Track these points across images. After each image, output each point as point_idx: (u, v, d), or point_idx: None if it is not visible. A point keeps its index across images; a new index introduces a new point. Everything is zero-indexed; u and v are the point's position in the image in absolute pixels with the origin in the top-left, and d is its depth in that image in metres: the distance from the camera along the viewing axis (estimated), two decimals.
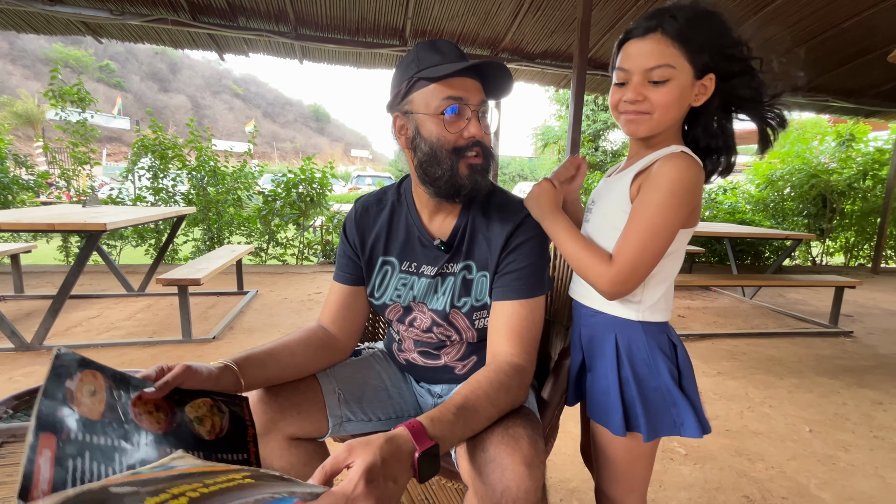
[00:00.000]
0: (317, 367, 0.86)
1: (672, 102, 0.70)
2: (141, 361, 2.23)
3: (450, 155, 0.76)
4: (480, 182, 0.78)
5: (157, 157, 4.56)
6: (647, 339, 0.76)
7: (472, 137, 0.75)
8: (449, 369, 0.91)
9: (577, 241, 0.76)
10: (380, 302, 0.90)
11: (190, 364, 0.63)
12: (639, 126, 0.74)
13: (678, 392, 0.74)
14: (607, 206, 0.80)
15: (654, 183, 0.70)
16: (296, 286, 3.92)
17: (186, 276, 2.44)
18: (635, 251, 0.70)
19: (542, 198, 0.80)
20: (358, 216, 0.91)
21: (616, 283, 0.71)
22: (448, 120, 0.75)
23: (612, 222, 0.77)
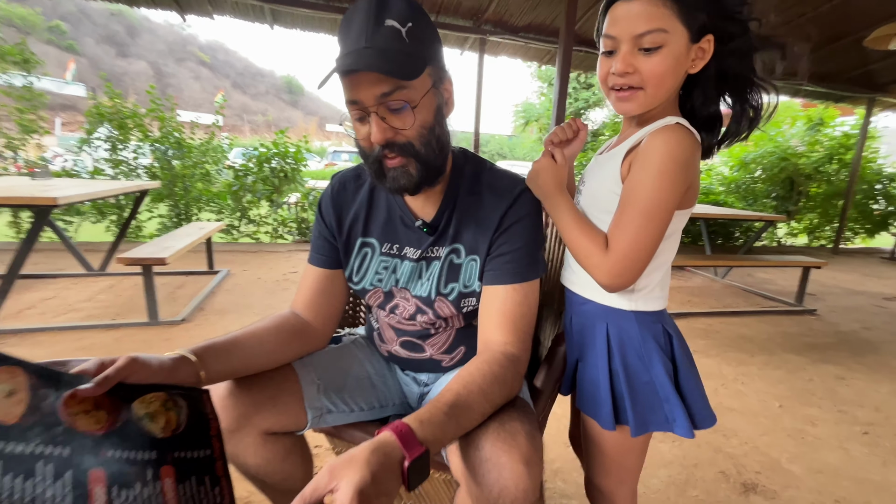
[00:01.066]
0: (289, 356, 0.79)
1: (666, 73, 0.64)
2: (103, 345, 2.10)
3: (369, 157, 0.70)
4: (405, 181, 0.69)
5: (116, 126, 4.24)
6: (641, 329, 0.72)
7: (373, 145, 0.67)
8: (435, 362, 0.86)
9: (580, 226, 0.70)
10: (359, 287, 0.84)
11: (136, 356, 0.56)
12: (630, 104, 0.68)
13: (671, 387, 0.71)
14: (597, 187, 0.74)
15: (644, 160, 0.64)
16: (270, 265, 3.78)
17: (151, 255, 2.28)
18: (630, 239, 0.64)
19: (543, 176, 0.74)
20: (334, 193, 0.83)
21: (613, 275, 0.66)
22: (355, 125, 0.68)
23: (602, 205, 0.72)
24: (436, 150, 0.70)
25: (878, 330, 2.91)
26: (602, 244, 0.67)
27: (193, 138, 4.59)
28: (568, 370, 0.83)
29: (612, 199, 0.69)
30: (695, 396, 0.72)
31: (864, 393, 2.01)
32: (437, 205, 0.78)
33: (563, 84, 2.86)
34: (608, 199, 0.70)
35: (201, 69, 55.63)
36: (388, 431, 0.51)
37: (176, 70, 51.56)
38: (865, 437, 1.66)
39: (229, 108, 49.75)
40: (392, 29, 0.62)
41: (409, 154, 0.67)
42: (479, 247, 0.76)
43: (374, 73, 0.61)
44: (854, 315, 3.21)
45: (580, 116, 8.36)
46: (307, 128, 41.35)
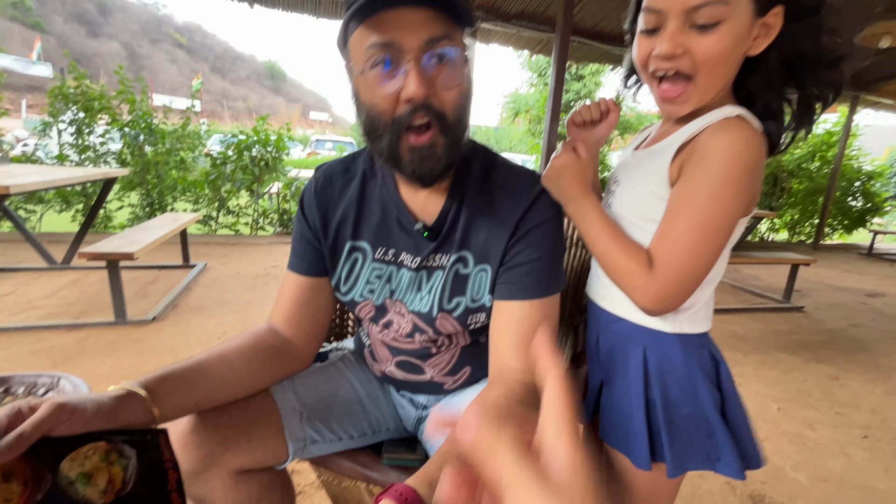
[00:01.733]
0: (266, 381, 0.67)
1: (724, 56, 0.53)
2: (64, 348, 1.93)
3: (388, 128, 0.55)
4: (430, 165, 0.57)
5: (82, 109, 3.96)
6: (685, 355, 0.62)
7: (410, 100, 0.52)
8: (436, 385, 0.75)
9: (614, 239, 0.59)
10: (348, 298, 0.72)
11: (65, 401, 0.43)
12: (679, 106, 0.57)
13: (720, 421, 0.61)
14: (637, 190, 0.63)
15: (704, 162, 0.54)
16: (250, 259, 3.61)
17: (117, 250, 2.11)
18: (684, 257, 0.54)
19: (567, 175, 0.62)
20: (319, 189, 0.71)
21: (660, 299, 0.56)
22: (377, 77, 0.53)
23: (642, 211, 0.61)
24: (463, 130, 0.59)
25: (864, 328, 2.93)
26: (644, 262, 0.56)
27: (167, 123, 4.33)
28: (590, 396, 0.73)
29: (657, 204, 0.59)
30: (744, 432, 0.63)
31: (859, 394, 1.99)
32: (441, 204, 0.66)
33: (559, 73, 2.75)
34: (650, 205, 0.60)
35: (178, 51, 53.56)
36: (388, 500, 0.40)
37: (151, 52, 49.52)
38: (865, 441, 1.64)
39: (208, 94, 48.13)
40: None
41: (439, 127, 0.55)
42: (490, 255, 0.65)
43: (422, 12, 0.50)
44: (840, 312, 3.23)
45: (570, 109, 8.27)
46: (289, 115, 40.39)
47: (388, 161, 0.59)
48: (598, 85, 8.43)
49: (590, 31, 4.23)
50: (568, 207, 0.64)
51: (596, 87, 8.42)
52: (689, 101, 0.56)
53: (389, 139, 0.56)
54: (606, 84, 8.55)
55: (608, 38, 4.26)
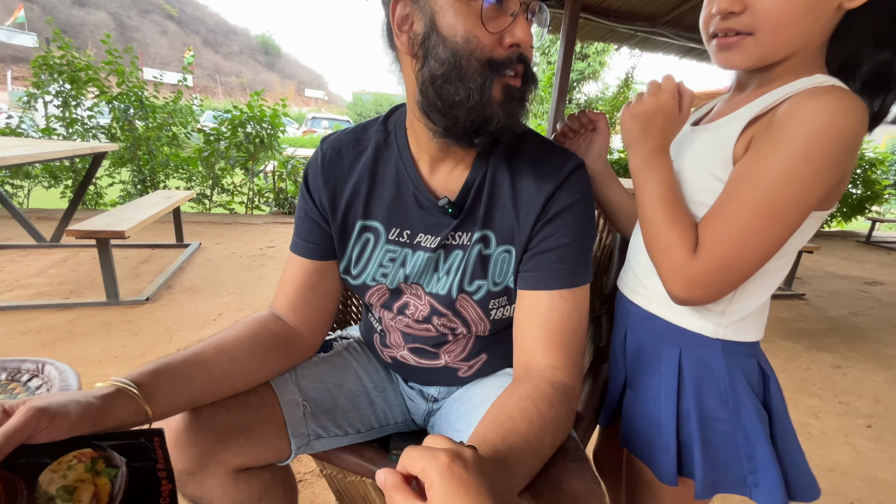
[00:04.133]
0: (268, 373, 0.62)
1: (792, 10, 0.44)
2: (54, 328, 1.87)
3: (482, 68, 0.49)
4: (517, 117, 0.54)
5: (68, 80, 3.80)
6: (728, 363, 0.55)
7: (517, 46, 0.50)
8: (450, 371, 0.70)
9: (669, 205, 0.52)
10: (358, 282, 0.66)
11: (44, 406, 0.37)
12: (734, 54, 0.49)
13: (764, 440, 0.54)
14: (692, 170, 0.55)
15: (783, 132, 0.44)
16: (245, 238, 3.53)
17: (107, 227, 2.03)
18: (734, 241, 0.46)
19: (659, 119, 0.55)
20: (326, 162, 0.64)
21: (695, 286, 0.49)
22: (487, 11, 0.48)
23: (696, 195, 0.54)
24: (533, 91, 0.56)
25: (865, 316, 2.92)
26: (690, 242, 0.50)
27: (157, 96, 4.18)
28: (611, 396, 0.68)
29: (714, 186, 0.51)
30: (795, 457, 0.56)
31: (861, 383, 1.98)
32: (464, 179, 0.60)
33: (567, 51, 2.65)
34: (706, 187, 0.52)
35: (168, 23, 51.85)
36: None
37: (140, 23, 47.88)
38: (869, 430, 1.63)
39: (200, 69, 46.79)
40: None
41: (527, 80, 0.54)
42: (515, 236, 0.59)
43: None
44: (841, 300, 3.22)
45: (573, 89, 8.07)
46: (285, 91, 39.52)
47: (469, 109, 0.51)
48: (602, 65, 8.21)
49: (596, 7, 4.06)
50: (636, 156, 0.56)
51: (601, 66, 8.19)
52: (746, 51, 0.48)
53: (483, 79, 0.50)
54: (612, 64, 8.34)
55: (615, 14, 4.10)
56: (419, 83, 0.53)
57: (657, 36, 4.20)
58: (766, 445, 0.54)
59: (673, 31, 4.10)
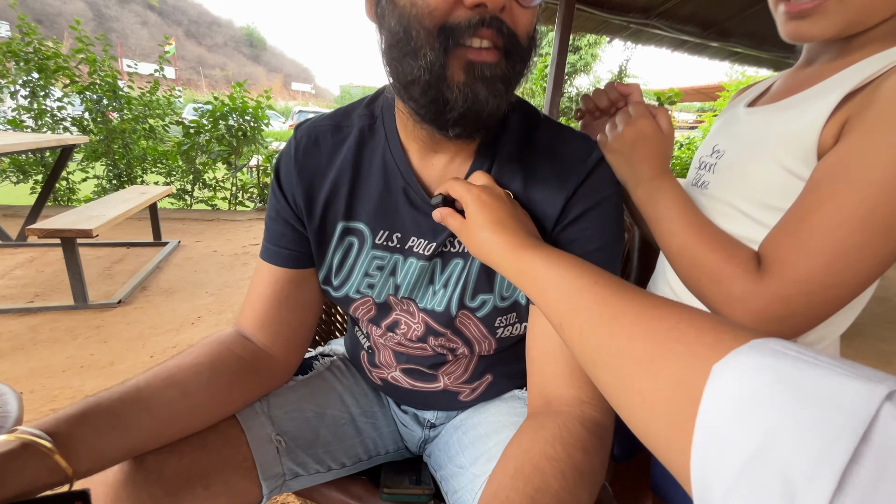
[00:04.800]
0: (233, 406, 0.52)
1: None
2: (15, 335, 1.73)
3: (430, 38, 0.39)
4: (487, 102, 0.41)
5: (35, 68, 3.58)
6: None
7: (482, 6, 0.38)
8: (451, 395, 0.60)
9: (697, 227, 0.43)
10: (340, 294, 0.56)
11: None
12: (810, 23, 0.39)
13: None
14: (758, 160, 0.45)
15: (887, 118, 0.35)
16: (228, 236, 3.38)
17: (73, 226, 1.88)
18: (826, 264, 0.36)
19: (644, 147, 0.46)
20: (301, 153, 0.53)
21: (768, 319, 0.38)
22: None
23: (762, 196, 0.43)
24: (523, 70, 0.43)
25: (861, 313, 2.90)
26: (746, 264, 0.40)
27: (133, 87, 3.98)
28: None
29: (790, 185, 0.41)
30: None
31: None
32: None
33: (563, 42, 2.55)
34: (779, 186, 0.42)
35: (149, 14, 50.44)
36: None
37: (119, 13, 46.50)
38: None
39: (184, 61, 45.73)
40: None
41: (508, 53, 0.40)
42: None
43: None
44: None
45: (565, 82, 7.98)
46: (270, 85, 38.86)
47: (424, 88, 0.40)
48: (594, 57, 8.11)
49: None
50: (637, 190, 0.48)
51: (593, 59, 8.10)
52: (827, 17, 0.39)
53: (434, 52, 0.38)
54: (604, 57, 8.25)
55: (608, 5, 4.02)
56: (381, 56, 0.43)
57: (650, 28, 4.14)
58: None
59: (666, 23, 4.04)
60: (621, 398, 0.28)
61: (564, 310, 0.35)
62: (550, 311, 0.36)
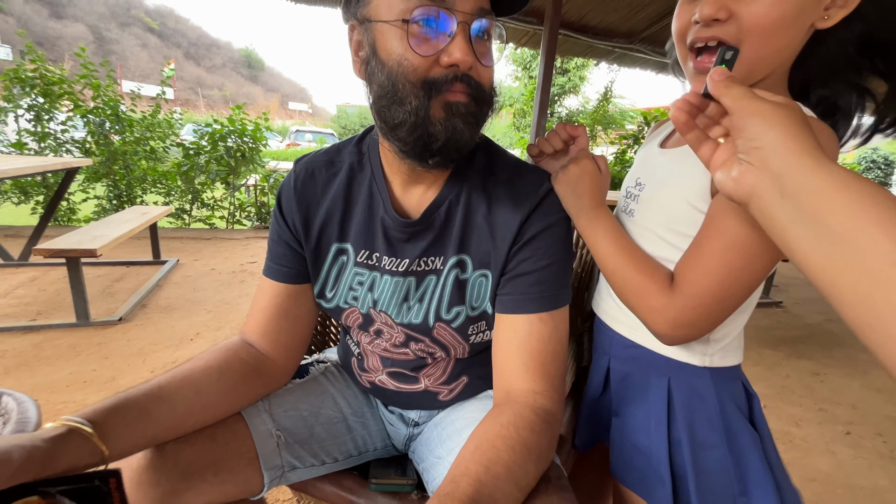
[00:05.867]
0: (239, 404, 0.59)
1: (780, 24, 0.43)
2: (19, 352, 1.78)
3: (416, 89, 0.48)
4: (463, 133, 0.50)
5: (40, 93, 3.70)
6: (718, 389, 0.55)
7: (454, 65, 0.48)
8: (431, 395, 0.68)
9: (627, 252, 0.53)
10: (332, 304, 0.64)
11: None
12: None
13: (760, 462, 0.54)
14: (668, 198, 0.55)
15: None
16: (225, 254, 3.45)
17: (78, 246, 1.96)
18: (717, 280, 0.45)
19: (585, 182, 0.55)
20: (300, 184, 0.62)
21: (680, 325, 0.48)
22: (417, 32, 0.47)
23: (675, 225, 0.53)
24: (488, 112, 0.54)
25: (840, 322, 2.99)
26: (663, 282, 0.50)
27: (135, 110, 4.10)
28: (589, 422, 0.67)
29: (693, 217, 0.51)
30: (782, 475, 0.56)
31: (839, 389, 2.02)
32: (433, 199, 0.59)
33: (547, 67, 2.70)
34: (685, 217, 0.52)
35: (149, 36, 51.33)
36: None
37: (119, 36, 47.28)
38: (848, 437, 1.65)
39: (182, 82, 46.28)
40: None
41: (477, 99, 0.51)
42: (491, 261, 0.58)
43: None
44: (816, 307, 3.30)
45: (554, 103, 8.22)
46: (268, 105, 39.37)
47: (410, 129, 0.50)
48: (582, 79, 8.43)
49: (575, 24, 4.18)
50: (579, 218, 0.57)
51: (581, 81, 8.41)
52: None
53: (419, 100, 0.48)
54: (591, 79, 8.56)
55: (593, 31, 4.22)
56: (370, 105, 0.53)
57: (634, 52, 4.33)
58: (763, 466, 0.54)
59: (649, 47, 4.23)
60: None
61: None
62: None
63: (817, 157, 0.30)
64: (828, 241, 0.29)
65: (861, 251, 0.27)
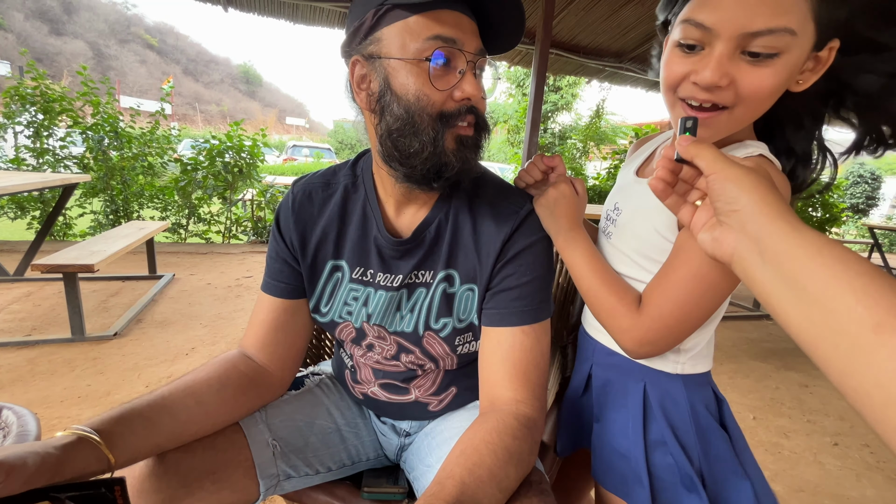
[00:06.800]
0: (238, 414, 0.62)
1: (774, 92, 0.46)
2: (13, 368, 1.79)
3: (433, 122, 0.54)
4: (471, 163, 0.58)
5: (40, 110, 3.75)
6: (689, 395, 0.59)
7: (467, 100, 0.54)
8: (421, 405, 0.71)
9: (600, 273, 0.57)
10: (327, 319, 0.68)
11: (1, 459, 0.37)
12: (703, 130, 0.49)
13: (733, 463, 0.57)
14: (641, 226, 0.59)
15: None
16: (221, 269, 3.47)
17: (75, 261, 1.98)
18: (678, 306, 0.51)
19: (563, 204, 0.60)
20: (297, 205, 0.66)
21: (644, 343, 0.53)
22: (434, 70, 0.52)
23: (646, 251, 0.58)
24: (487, 138, 0.60)
25: None
26: (631, 303, 0.54)
27: (134, 126, 4.15)
28: (571, 427, 0.70)
29: (663, 245, 0.55)
30: (758, 475, 0.59)
31: (827, 401, 2.06)
32: (423, 219, 0.64)
33: (539, 85, 2.78)
34: (655, 245, 0.56)
35: (148, 53, 51.89)
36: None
37: (119, 52, 47.75)
38: (836, 448, 1.68)
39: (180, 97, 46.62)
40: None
41: (480, 129, 0.57)
42: (477, 276, 0.62)
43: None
44: None
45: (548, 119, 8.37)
46: (265, 120, 39.65)
47: (426, 159, 0.55)
48: (574, 97, 8.62)
49: (567, 44, 4.31)
50: (557, 238, 0.61)
51: (573, 98, 8.60)
52: (715, 128, 0.50)
53: (435, 132, 0.54)
54: (583, 96, 8.76)
55: (584, 51, 4.35)
56: (378, 136, 0.57)
57: (624, 71, 4.46)
58: (735, 464, 0.57)
59: (639, 66, 4.35)
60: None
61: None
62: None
63: (790, 221, 0.33)
64: (807, 304, 0.31)
65: (838, 315, 0.29)
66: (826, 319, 0.30)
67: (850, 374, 0.29)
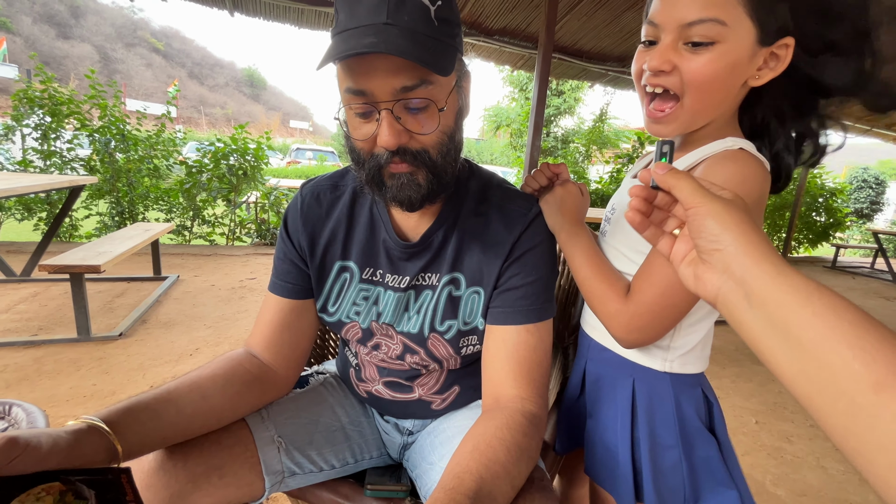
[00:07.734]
0: (242, 411, 0.63)
1: (714, 78, 0.50)
2: (20, 367, 1.80)
3: (367, 160, 0.56)
4: (416, 194, 0.56)
5: (48, 113, 3.79)
6: (676, 394, 0.60)
7: (382, 149, 0.53)
8: (424, 404, 0.72)
9: (595, 265, 0.59)
10: (334, 319, 0.69)
11: (17, 435, 0.39)
12: (664, 126, 0.55)
13: (718, 465, 0.58)
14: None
15: None
16: (225, 270, 3.49)
17: (82, 262, 2.00)
18: (660, 293, 0.52)
19: (569, 203, 0.62)
20: (305, 207, 0.68)
21: (630, 330, 0.55)
22: (351, 122, 0.54)
23: (634, 244, 0.60)
24: (452, 160, 0.57)
25: None
26: (620, 290, 0.56)
27: (140, 129, 4.20)
28: (569, 424, 0.71)
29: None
30: (744, 485, 0.59)
31: None
32: (431, 223, 0.65)
33: (541, 89, 2.79)
34: (641, 239, 0.58)
35: (154, 56, 52.38)
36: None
37: (125, 56, 48.23)
38: (839, 453, 1.66)
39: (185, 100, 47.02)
40: (419, 5, 0.49)
41: (421, 163, 0.54)
42: (483, 278, 0.63)
43: (397, 60, 0.48)
44: None
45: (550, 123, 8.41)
46: (269, 123, 39.90)
47: (372, 189, 0.58)
48: (577, 101, 8.67)
49: (569, 48, 4.34)
50: (560, 234, 0.63)
51: (576, 102, 8.65)
52: (674, 122, 0.54)
53: (369, 172, 0.56)
54: (586, 100, 8.81)
55: (587, 55, 4.38)
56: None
57: (627, 75, 4.48)
58: (721, 469, 0.58)
59: None
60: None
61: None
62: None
63: (774, 262, 0.32)
64: (799, 355, 0.29)
65: (834, 371, 0.28)
66: (821, 374, 0.28)
67: (851, 435, 0.27)
